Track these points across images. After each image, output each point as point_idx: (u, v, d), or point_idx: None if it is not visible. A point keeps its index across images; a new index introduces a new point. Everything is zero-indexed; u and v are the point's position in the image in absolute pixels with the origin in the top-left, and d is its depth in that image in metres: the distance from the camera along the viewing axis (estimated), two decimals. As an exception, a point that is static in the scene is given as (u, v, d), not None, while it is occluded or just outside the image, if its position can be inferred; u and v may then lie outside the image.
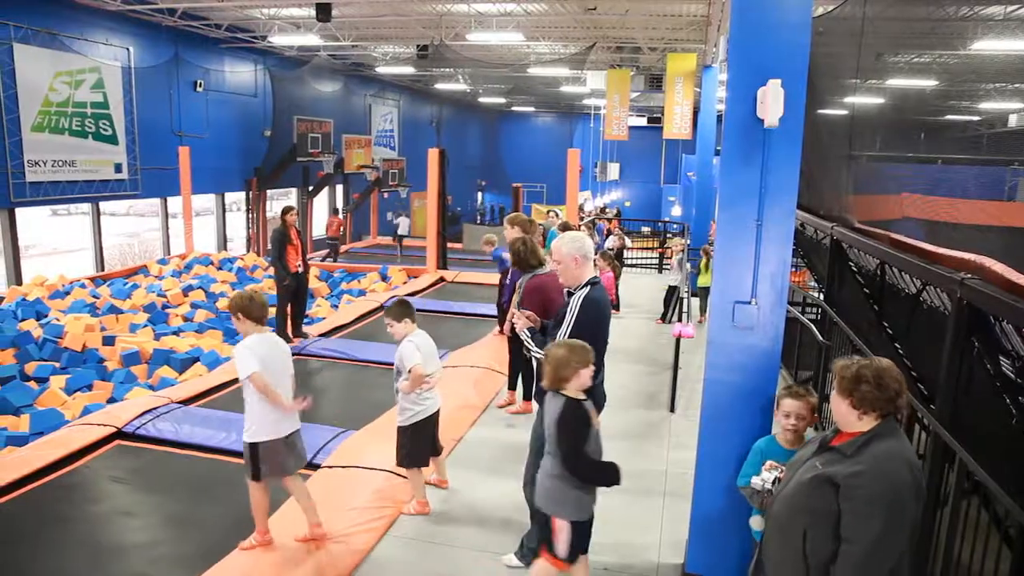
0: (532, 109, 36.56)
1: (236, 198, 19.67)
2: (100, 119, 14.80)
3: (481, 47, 17.46)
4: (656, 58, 17.78)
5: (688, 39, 15.58)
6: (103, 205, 15.53)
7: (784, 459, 2.94)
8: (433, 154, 13.42)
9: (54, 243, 15.72)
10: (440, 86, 26.23)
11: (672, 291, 10.26)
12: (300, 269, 8.62)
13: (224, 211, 18.91)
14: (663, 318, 10.28)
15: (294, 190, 21.42)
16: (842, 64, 5.84)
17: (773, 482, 2.80)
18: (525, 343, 4.01)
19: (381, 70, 22.10)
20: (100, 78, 14.78)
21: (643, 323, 10.21)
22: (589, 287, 3.79)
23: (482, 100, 32.08)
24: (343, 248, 19.82)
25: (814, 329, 6.26)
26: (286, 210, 8.70)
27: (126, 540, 4.58)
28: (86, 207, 15.13)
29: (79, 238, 15.42)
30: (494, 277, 13.39)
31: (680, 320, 8.67)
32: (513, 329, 6.06)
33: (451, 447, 5.70)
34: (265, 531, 4.19)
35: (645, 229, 26.66)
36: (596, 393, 3.88)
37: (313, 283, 13.17)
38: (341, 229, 19.42)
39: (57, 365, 8.63)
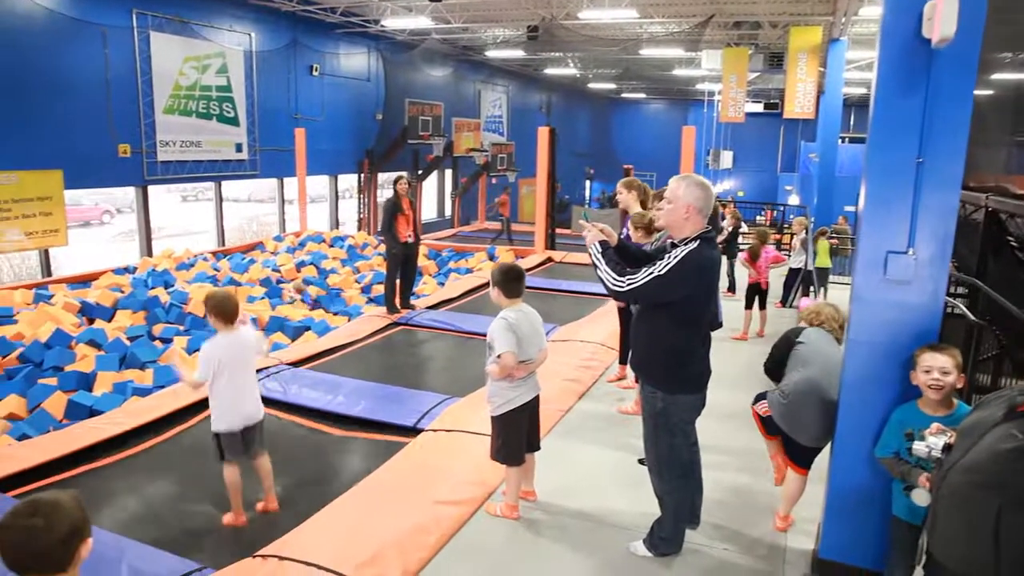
0: (642, 95, 35.76)
1: (347, 185, 20.15)
2: (224, 102, 15.41)
3: (593, 27, 17.08)
4: (777, 35, 16.89)
5: (813, 12, 14.67)
6: (226, 191, 16.21)
7: (927, 426, 2.55)
8: (543, 132, 13.23)
9: (183, 225, 16.65)
10: (549, 71, 26.00)
11: (794, 274, 9.65)
12: (410, 239, 8.59)
13: (337, 192, 19.39)
14: (783, 302, 9.69)
15: (404, 173, 21.68)
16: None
17: (944, 448, 2.39)
18: (593, 257, 3.66)
19: (491, 54, 22.07)
20: (224, 63, 15.38)
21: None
22: (699, 241, 3.32)
23: (591, 86, 31.62)
24: (453, 230, 19.95)
25: (963, 307, 5.64)
26: (398, 179, 8.69)
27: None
28: (211, 193, 15.87)
29: (204, 221, 16.20)
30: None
31: (807, 296, 8.12)
32: (627, 305, 5.80)
33: (557, 418, 5.48)
34: (240, 511, 4.33)
35: (759, 218, 25.56)
36: (698, 369, 3.52)
37: (421, 260, 13.24)
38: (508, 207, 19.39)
39: (181, 328, 9.01)
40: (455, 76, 23.69)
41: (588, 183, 36.75)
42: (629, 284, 3.39)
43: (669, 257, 3.33)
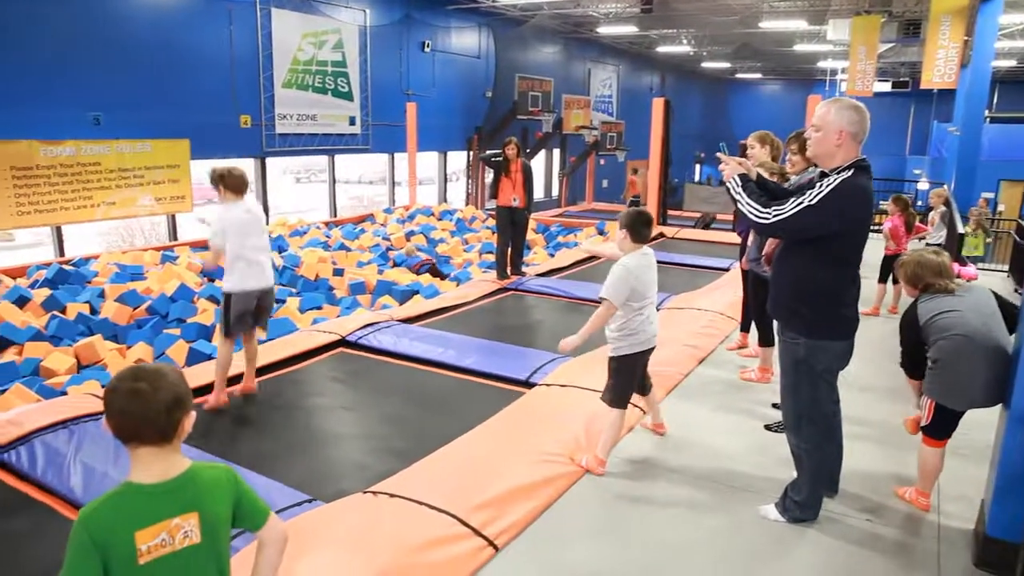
0: (758, 75, 34.23)
1: (455, 169, 20.23)
2: (339, 77, 15.70)
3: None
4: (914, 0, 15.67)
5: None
6: (336, 172, 16.54)
7: None
8: (658, 104, 12.80)
9: (296, 204, 17.21)
10: (662, 49, 25.24)
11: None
12: (515, 204, 8.42)
13: (445, 167, 19.52)
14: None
15: (514, 137, 21.62)
16: None
17: None
18: (732, 192, 3.33)
19: (602, 30, 21.58)
20: (340, 38, 15.65)
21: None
22: (854, 170, 2.99)
23: (705, 66, 30.54)
24: (560, 210, 19.70)
25: None
26: (507, 142, 8.55)
27: (343, 430, 4.63)
28: (324, 175, 16.24)
29: (317, 200, 16.62)
30: (716, 235, 12.63)
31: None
32: (750, 269, 5.42)
33: (677, 381, 5.19)
34: (222, 390, 4.74)
35: (883, 203, 24.01)
36: (849, 313, 3.17)
37: (529, 235, 13.10)
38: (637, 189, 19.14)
39: (293, 290, 9.20)
40: (565, 54, 23.36)
41: (698, 166, 35.69)
42: (776, 215, 3.07)
43: (820, 186, 3.01)
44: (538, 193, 23.39)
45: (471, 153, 19.46)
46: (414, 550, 2.98)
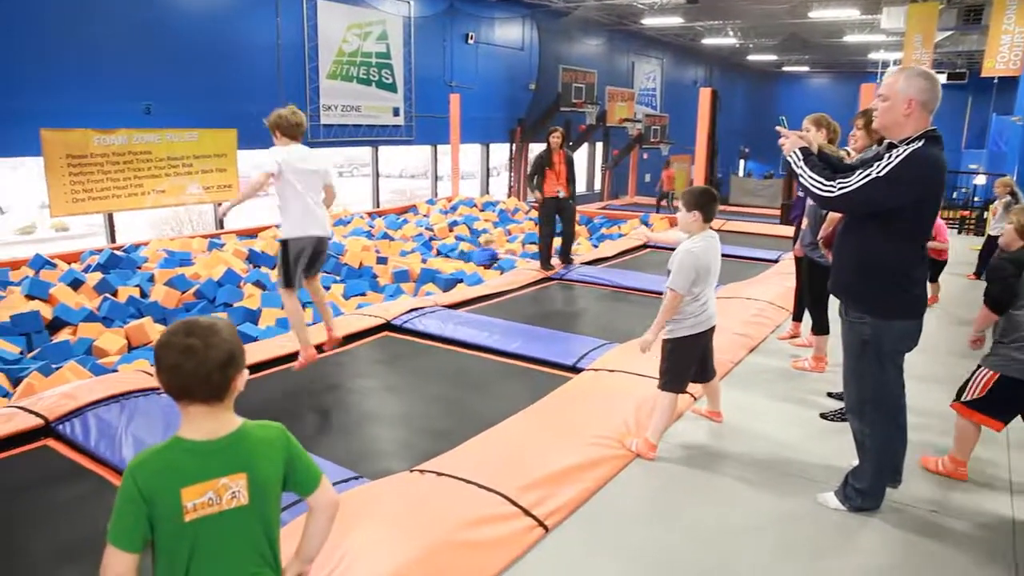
0: (805, 68, 33.51)
1: (496, 163, 20.18)
2: (383, 68, 15.76)
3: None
4: (975, -14, 15.15)
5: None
6: (379, 167, 16.62)
7: None
8: (705, 94, 12.58)
9: (340, 197, 17.32)
10: (707, 41, 24.85)
11: (993, 242, 8.54)
12: (559, 194, 8.32)
13: (488, 159, 19.49)
14: (977, 274, 8.64)
15: (559, 127, 21.51)
16: None
17: None
18: (793, 165, 3.19)
19: (647, 21, 21.32)
20: (384, 30, 15.70)
21: (950, 279, 8.65)
22: (924, 141, 2.84)
23: (751, 58, 30.00)
24: (603, 203, 19.58)
25: None
26: (552, 131, 8.43)
27: (389, 411, 4.61)
28: (366, 169, 16.32)
29: (360, 193, 16.72)
30: (765, 227, 12.36)
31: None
32: (804, 256, 5.26)
33: (727, 368, 5.05)
34: (308, 343, 4.65)
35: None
36: (918, 292, 3.02)
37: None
38: (673, 181, 19.00)
39: (337, 277, 9.24)
40: (609, 47, 23.15)
41: (742, 162, 35.13)
42: (841, 188, 2.94)
43: (889, 157, 2.86)
44: (580, 187, 23.26)
45: (513, 146, 19.39)
46: (462, 527, 2.92)
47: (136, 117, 11.19)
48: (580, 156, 22.37)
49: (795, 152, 3.18)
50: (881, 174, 2.83)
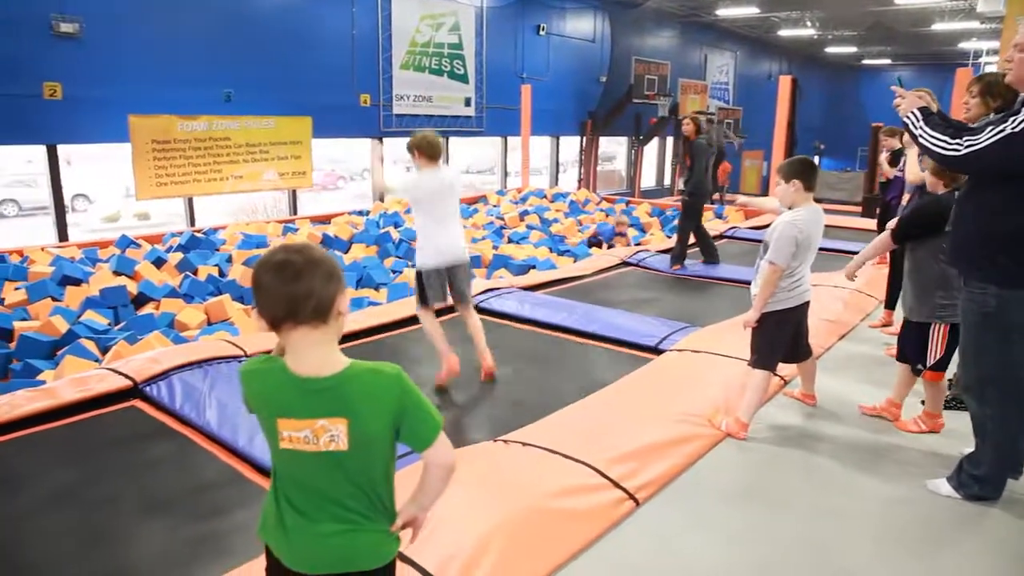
0: (887, 61, 32.13)
1: (563, 159, 20.02)
2: (455, 59, 15.79)
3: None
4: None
5: None
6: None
7: None
8: (785, 82, 12.20)
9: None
10: (783, 32, 24.14)
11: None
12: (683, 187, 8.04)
13: (558, 152, 19.38)
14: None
15: (624, 138, 21.31)
16: None
17: None
18: (911, 127, 2.95)
19: (721, 12, 20.84)
20: (457, 21, 15.73)
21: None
22: None
23: (829, 50, 29.01)
24: (674, 199, 19.19)
25: None
26: (683, 120, 7.80)
27: (466, 385, 4.53)
28: None
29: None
30: (843, 220, 11.88)
31: None
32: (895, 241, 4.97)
33: (817, 354, 4.81)
34: (449, 352, 4.40)
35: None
36: None
37: (643, 217, 12.79)
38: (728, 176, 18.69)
39: (409, 263, 9.25)
40: (681, 39, 22.73)
41: (817, 158, 34.04)
42: (970, 146, 2.71)
43: (1010, 120, 2.63)
44: (649, 181, 22.90)
45: (584, 138, 19.20)
46: (551, 496, 2.82)
47: (216, 104, 11.47)
48: (650, 150, 22.04)
49: (913, 112, 2.97)
50: (1017, 129, 2.60)
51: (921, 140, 2.92)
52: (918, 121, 2.94)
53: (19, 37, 9.33)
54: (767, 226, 3.67)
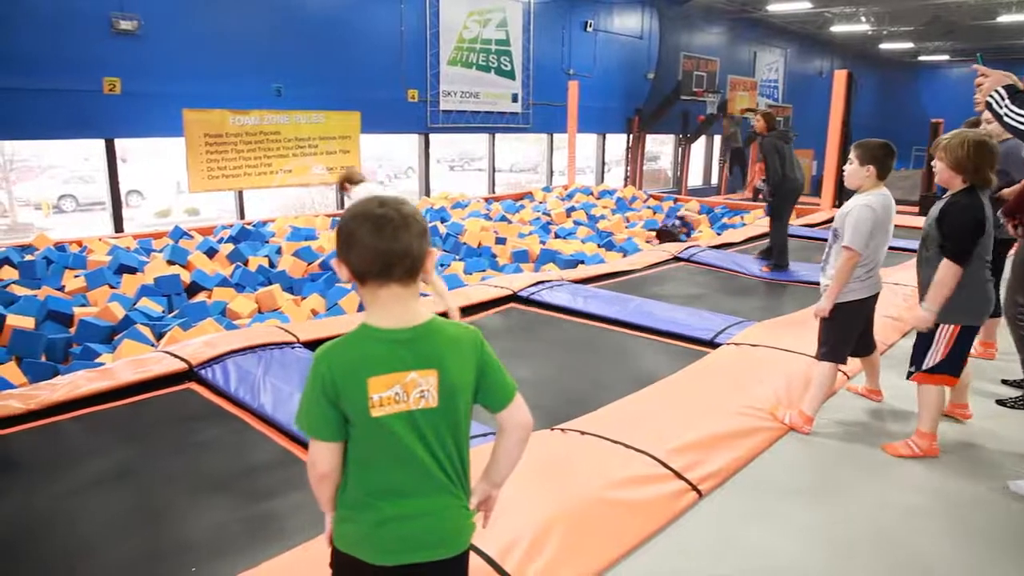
0: (945, 57, 31.09)
1: (609, 159, 19.83)
2: (502, 55, 15.74)
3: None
4: None
5: None
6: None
7: None
8: (840, 77, 11.88)
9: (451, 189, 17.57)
10: (836, 28, 23.57)
11: None
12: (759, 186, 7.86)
13: (604, 149, 19.22)
14: None
15: (671, 136, 21.04)
16: None
17: None
18: (995, 106, 2.79)
19: (772, 7, 20.43)
20: (504, 16, 15.68)
21: None
22: None
23: (883, 46, 28.23)
24: (721, 199, 18.90)
25: None
26: (765, 113, 7.43)
27: (520, 375, 4.41)
28: (476, 164, 16.32)
29: (472, 186, 16.79)
30: (900, 219, 11.52)
31: None
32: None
33: (881, 350, 4.64)
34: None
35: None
36: None
37: (693, 216, 12.59)
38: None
39: (456, 257, 9.23)
40: (730, 36, 22.36)
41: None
42: None
43: None
44: (695, 180, 22.55)
45: (631, 136, 19.00)
46: (611, 486, 2.74)
47: (267, 99, 11.60)
48: (698, 148, 21.72)
49: (998, 91, 2.83)
50: None
51: (1007, 119, 2.78)
52: (1003, 100, 2.80)
53: (81, 35, 9.55)
54: (821, 224, 3.53)
